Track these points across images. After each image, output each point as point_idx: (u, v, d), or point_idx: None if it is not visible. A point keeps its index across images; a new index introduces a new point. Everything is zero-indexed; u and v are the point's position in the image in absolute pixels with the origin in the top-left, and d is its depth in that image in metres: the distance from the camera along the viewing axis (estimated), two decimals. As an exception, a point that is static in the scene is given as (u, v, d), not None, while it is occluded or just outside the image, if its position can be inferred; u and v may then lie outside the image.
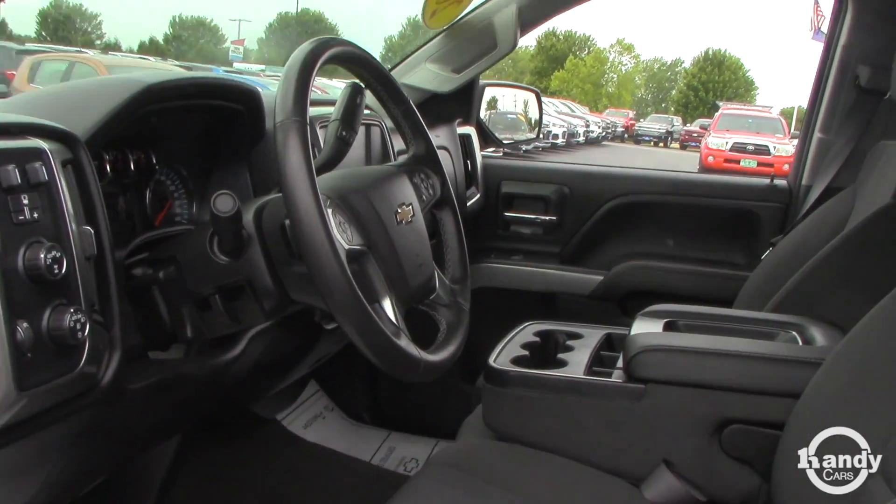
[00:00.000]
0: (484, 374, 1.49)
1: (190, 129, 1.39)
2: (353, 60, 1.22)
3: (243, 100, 1.35)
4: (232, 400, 1.53)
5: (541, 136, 3.04)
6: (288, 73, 1.04)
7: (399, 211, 1.20)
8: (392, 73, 2.35)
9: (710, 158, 18.01)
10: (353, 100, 1.33)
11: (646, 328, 1.55)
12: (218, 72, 16.75)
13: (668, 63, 66.25)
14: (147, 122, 1.25)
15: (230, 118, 1.37)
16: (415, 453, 2.42)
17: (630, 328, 1.57)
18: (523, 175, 2.62)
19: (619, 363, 1.49)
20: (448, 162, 2.30)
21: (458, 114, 2.49)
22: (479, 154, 2.54)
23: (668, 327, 1.58)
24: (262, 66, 30.87)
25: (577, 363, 1.51)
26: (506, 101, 3.20)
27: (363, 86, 1.32)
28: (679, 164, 20.05)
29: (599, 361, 1.57)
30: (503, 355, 1.54)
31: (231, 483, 1.99)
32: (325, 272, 0.97)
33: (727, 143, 18.16)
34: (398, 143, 1.97)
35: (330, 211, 1.05)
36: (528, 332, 1.70)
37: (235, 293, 1.14)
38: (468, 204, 2.39)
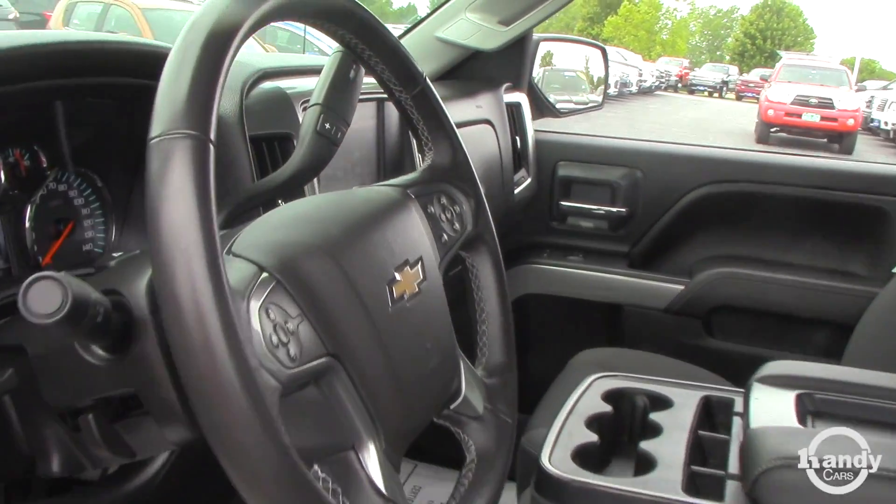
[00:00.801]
0: (534, 481, 1.02)
1: (98, 114, 0.93)
2: (322, 14, 0.71)
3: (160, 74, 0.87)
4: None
5: (605, 98, 2.53)
6: (184, 46, 0.56)
7: (398, 279, 0.71)
8: (422, 25, 1.89)
9: (770, 112, 17.18)
10: (344, 73, 0.87)
11: (768, 407, 1.07)
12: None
13: (725, 10, 64.58)
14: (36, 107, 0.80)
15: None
16: (445, 495, 1.98)
17: (744, 401, 1.10)
18: (585, 154, 2.14)
19: (732, 464, 1.02)
20: (491, 139, 1.84)
21: (507, 77, 2.04)
22: (530, 128, 2.09)
23: (801, 405, 1.09)
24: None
25: (669, 462, 1.02)
26: (563, 55, 2.70)
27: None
28: (736, 117, 19.32)
29: (700, 455, 1.09)
30: (561, 443, 1.07)
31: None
32: (223, 431, 0.50)
33: (789, 95, 17.29)
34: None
35: (255, 305, 0.57)
36: (594, 394, 1.22)
37: (124, 408, 0.68)
38: (516, 191, 1.96)
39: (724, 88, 33.00)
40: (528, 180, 2.04)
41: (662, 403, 1.20)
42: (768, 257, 2.03)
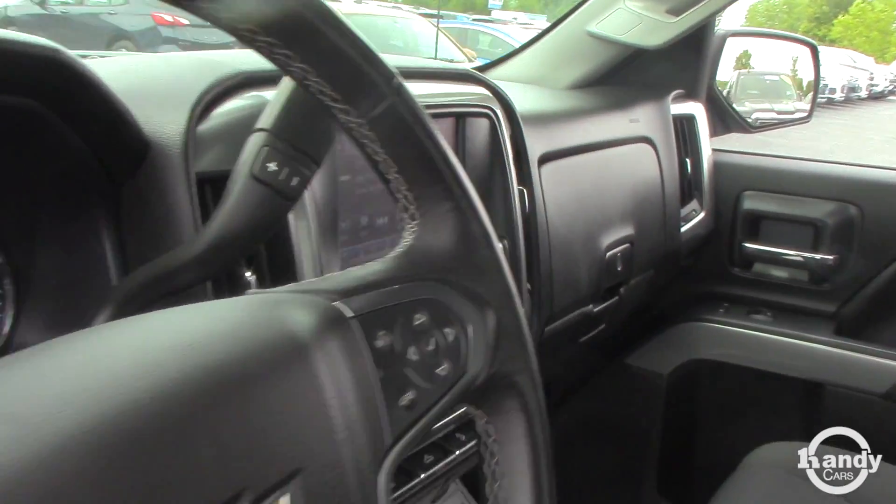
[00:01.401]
0: None
1: None
2: None
3: (30, 84, 0.54)
4: None
5: (814, 108, 2.05)
6: None
7: None
8: (570, 18, 1.51)
9: None
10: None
11: None
12: (460, 20, 15.79)
13: (978, 5, 58.88)
14: None
15: (46, 127, 0.58)
16: None
17: None
18: (781, 182, 1.69)
19: None
20: (650, 162, 1.46)
21: (678, 82, 1.64)
22: (706, 147, 1.68)
23: None
24: (515, 15, 29.26)
25: None
26: (765, 55, 2.29)
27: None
28: None
29: None
30: None
31: None
32: None
33: None
34: (540, 139, 1.12)
35: None
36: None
37: None
38: (684, 229, 1.57)
39: (975, 92, 30.29)
40: (702, 215, 1.65)
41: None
42: None
